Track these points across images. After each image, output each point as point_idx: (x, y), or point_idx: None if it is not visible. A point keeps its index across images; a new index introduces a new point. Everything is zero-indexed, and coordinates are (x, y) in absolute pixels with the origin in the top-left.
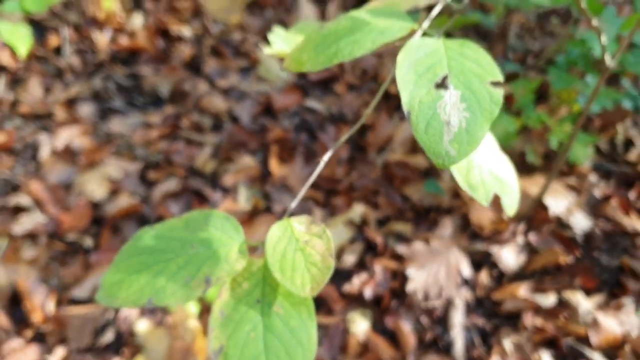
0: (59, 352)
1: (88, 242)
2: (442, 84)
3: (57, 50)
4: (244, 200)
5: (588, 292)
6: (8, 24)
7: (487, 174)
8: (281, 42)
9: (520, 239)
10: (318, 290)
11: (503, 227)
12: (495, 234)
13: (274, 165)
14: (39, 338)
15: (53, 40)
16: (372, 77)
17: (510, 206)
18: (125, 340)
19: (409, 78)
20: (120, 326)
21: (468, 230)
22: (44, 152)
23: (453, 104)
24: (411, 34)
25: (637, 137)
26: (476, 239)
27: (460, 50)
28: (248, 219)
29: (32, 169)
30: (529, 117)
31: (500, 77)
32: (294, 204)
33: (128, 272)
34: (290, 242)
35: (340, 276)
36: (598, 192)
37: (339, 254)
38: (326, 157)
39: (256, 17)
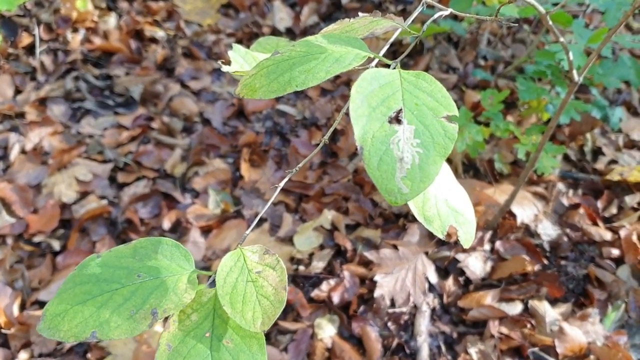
0: (22, 356)
1: (55, 244)
2: (395, 118)
3: (29, 49)
4: (213, 204)
5: (554, 301)
6: None
7: (443, 206)
8: (241, 60)
9: (487, 247)
10: (269, 324)
11: None
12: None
13: (245, 169)
14: (2, 342)
15: (25, 39)
16: (345, 82)
17: (466, 239)
18: (90, 344)
19: (362, 111)
20: None
21: (435, 237)
22: (14, 153)
23: (406, 139)
24: (367, 62)
25: (605, 146)
26: (443, 246)
27: (416, 82)
28: (217, 223)
29: (1, 170)
30: (498, 127)
31: (455, 111)
32: (262, 211)
33: (72, 303)
34: (242, 273)
35: (309, 282)
36: (566, 201)
37: (309, 259)
38: (298, 167)
39: (230, 19)
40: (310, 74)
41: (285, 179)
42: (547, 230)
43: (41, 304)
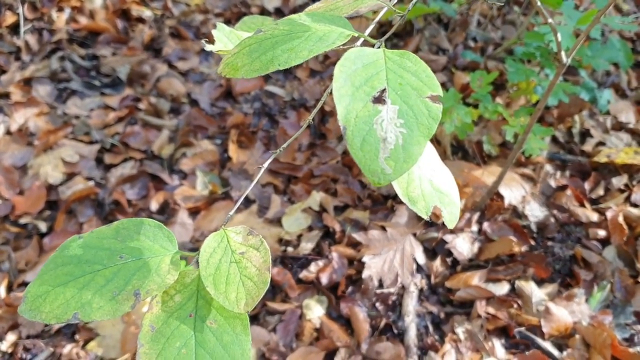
0: (10, 338)
1: (42, 225)
2: (379, 98)
3: (13, 29)
4: (201, 185)
5: (541, 281)
6: None
7: (428, 186)
8: (225, 39)
9: (474, 228)
10: (253, 305)
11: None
12: None
13: (233, 151)
14: None
15: (9, 18)
16: (334, 62)
17: (450, 219)
18: (78, 326)
19: (345, 91)
20: None
21: (423, 219)
22: None
23: (390, 119)
24: (351, 41)
25: (593, 128)
26: (431, 228)
27: (401, 61)
28: (205, 205)
29: None
30: (486, 108)
31: (439, 91)
32: (246, 192)
33: (53, 284)
34: (225, 254)
35: (298, 263)
36: (553, 182)
37: (297, 240)
38: (282, 147)
39: None
40: (292, 52)
41: (270, 159)
42: (535, 212)
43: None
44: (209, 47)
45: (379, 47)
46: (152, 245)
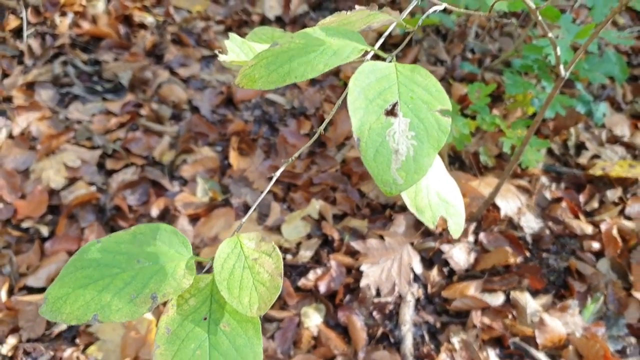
0: (10, 341)
1: (44, 230)
2: (391, 111)
3: (16, 32)
4: (201, 192)
5: (535, 292)
6: None
7: (435, 197)
8: (237, 50)
9: (471, 238)
10: (266, 309)
11: None
12: (447, 232)
13: (234, 158)
14: None
15: (12, 22)
16: (334, 72)
17: (456, 229)
18: (79, 330)
19: (359, 104)
20: None
21: (421, 228)
22: (1, 137)
23: (402, 131)
24: (363, 55)
25: (589, 141)
26: (428, 237)
27: (411, 76)
28: (205, 212)
29: None
30: (484, 120)
31: (448, 106)
32: (256, 204)
33: (73, 287)
34: (239, 260)
35: (296, 271)
36: (549, 194)
37: (296, 248)
38: (293, 157)
39: (220, 6)
40: (309, 66)
41: (281, 169)
42: (530, 223)
43: (29, 290)
44: (222, 57)
45: (390, 61)
46: (168, 250)
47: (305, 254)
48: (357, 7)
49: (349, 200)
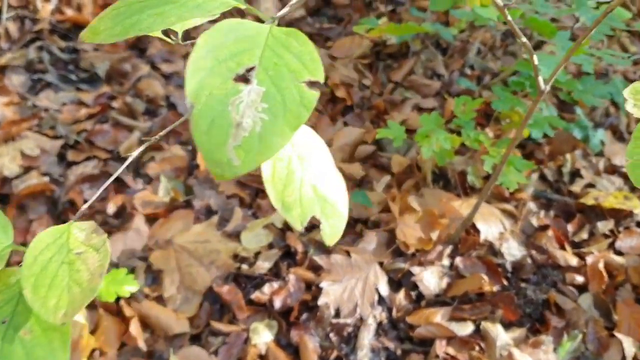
0: None
1: None
2: (244, 77)
3: None
4: (163, 191)
5: (509, 324)
6: None
7: (309, 191)
8: None
9: (446, 262)
10: (72, 316)
11: (429, 247)
12: (421, 253)
13: (201, 158)
14: None
15: None
16: (324, 81)
17: (331, 233)
18: None
19: (203, 64)
20: None
21: (392, 247)
22: None
23: (251, 101)
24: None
25: (585, 169)
26: (399, 257)
27: (286, 40)
28: (165, 212)
29: None
30: (468, 136)
31: (320, 77)
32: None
33: None
34: (59, 252)
35: (251, 282)
36: (536, 221)
37: (255, 258)
38: (157, 136)
39: None
40: (159, 17)
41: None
42: (512, 250)
43: None
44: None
45: (271, 24)
46: None
47: (263, 265)
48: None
49: None
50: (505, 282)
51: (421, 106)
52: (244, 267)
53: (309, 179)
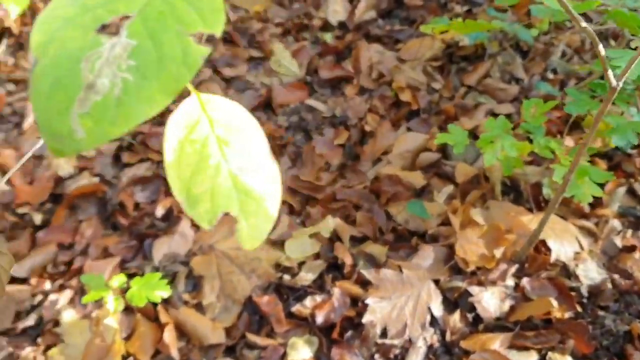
0: None
1: (37, 218)
2: (115, 29)
3: None
4: None
5: (581, 357)
6: None
7: (227, 182)
8: None
9: (510, 282)
10: None
11: (492, 265)
12: (481, 272)
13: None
14: None
15: None
16: (388, 82)
17: (253, 236)
18: (45, 328)
19: (63, 12)
20: (43, 312)
21: (450, 264)
22: (28, 121)
23: (113, 57)
24: None
25: None
26: (457, 275)
27: None
28: None
29: (14, 137)
30: (538, 143)
31: (217, 29)
32: None
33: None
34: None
35: (294, 294)
36: (620, 241)
37: (298, 269)
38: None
39: (283, 8)
40: None
41: None
42: (590, 273)
43: (12, 279)
44: None
45: None
46: None
47: (307, 276)
48: None
49: (372, 222)
50: (579, 309)
51: (496, 112)
52: (286, 277)
53: (229, 168)
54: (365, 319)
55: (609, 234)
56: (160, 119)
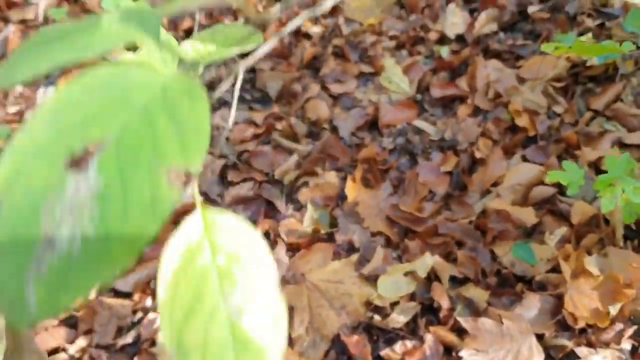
0: (80, 342)
1: None
2: (83, 160)
3: (188, 32)
4: (308, 221)
5: None
6: None
7: (224, 330)
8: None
9: (626, 345)
10: None
11: (605, 324)
12: (593, 330)
13: (350, 188)
14: (70, 322)
15: (185, 23)
16: (505, 103)
17: None
18: (142, 346)
19: (37, 135)
20: (141, 330)
21: (557, 318)
22: None
23: (76, 203)
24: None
25: None
26: (564, 332)
27: (178, 98)
28: (307, 243)
29: None
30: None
31: (196, 164)
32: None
33: None
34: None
35: (384, 337)
36: None
37: (390, 309)
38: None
39: (398, 20)
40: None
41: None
42: None
43: (116, 293)
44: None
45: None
46: None
47: (399, 319)
48: None
49: (475, 262)
50: None
51: (625, 141)
52: (377, 317)
53: (229, 309)
54: None
55: None
56: (266, 138)
